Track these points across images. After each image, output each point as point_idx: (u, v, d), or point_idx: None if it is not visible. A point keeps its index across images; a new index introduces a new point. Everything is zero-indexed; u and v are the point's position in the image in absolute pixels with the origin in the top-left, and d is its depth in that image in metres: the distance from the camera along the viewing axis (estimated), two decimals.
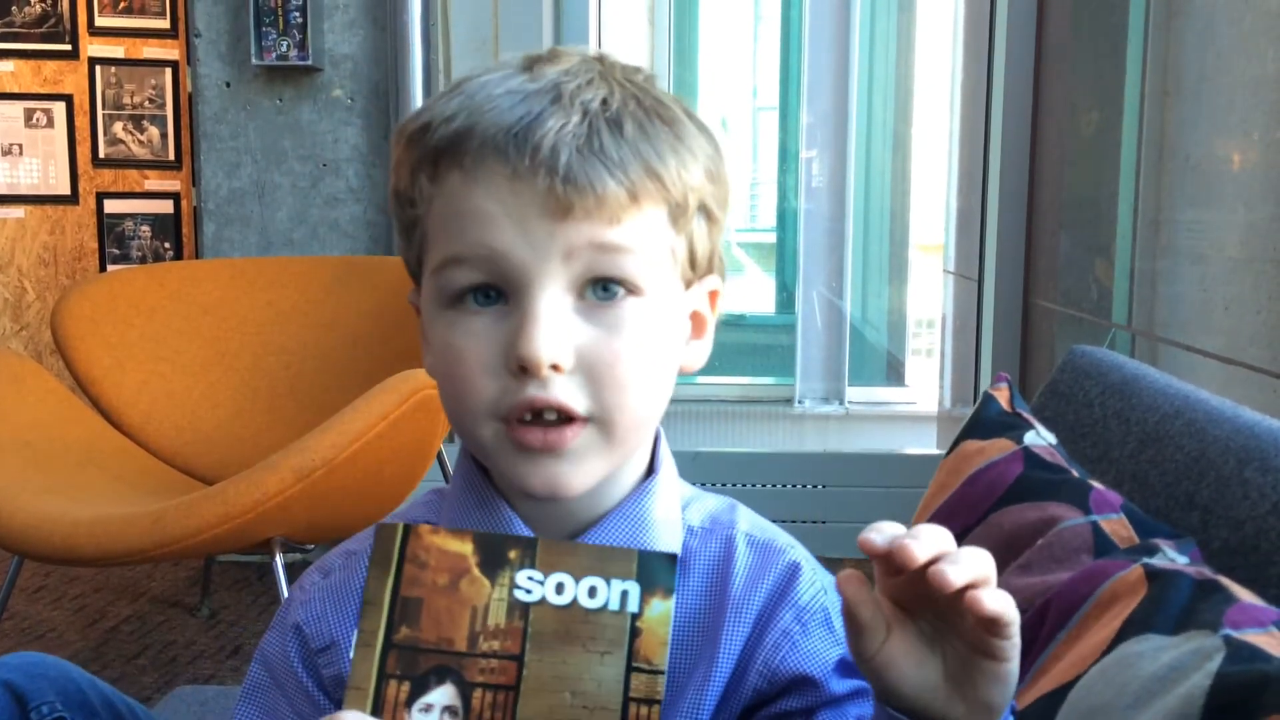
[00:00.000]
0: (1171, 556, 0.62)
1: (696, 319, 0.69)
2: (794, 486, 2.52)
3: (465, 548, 0.57)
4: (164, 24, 3.48)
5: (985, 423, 0.87)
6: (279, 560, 1.67)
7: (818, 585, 0.68)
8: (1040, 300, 2.45)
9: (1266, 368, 1.43)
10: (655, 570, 0.57)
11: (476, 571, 0.57)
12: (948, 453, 0.89)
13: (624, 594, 0.56)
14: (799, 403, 3.95)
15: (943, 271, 3.18)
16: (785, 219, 4.72)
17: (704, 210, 0.65)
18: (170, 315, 2.18)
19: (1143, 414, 0.80)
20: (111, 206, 3.53)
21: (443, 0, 2.47)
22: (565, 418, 0.61)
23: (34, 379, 1.97)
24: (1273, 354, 1.42)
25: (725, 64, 5.06)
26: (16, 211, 3.56)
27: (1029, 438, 0.82)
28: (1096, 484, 0.74)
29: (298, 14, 2.41)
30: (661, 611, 0.56)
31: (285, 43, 2.42)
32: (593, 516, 0.67)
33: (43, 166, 3.54)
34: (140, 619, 2.32)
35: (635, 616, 0.56)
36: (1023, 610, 0.66)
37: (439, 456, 2.11)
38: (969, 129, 2.78)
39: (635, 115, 0.62)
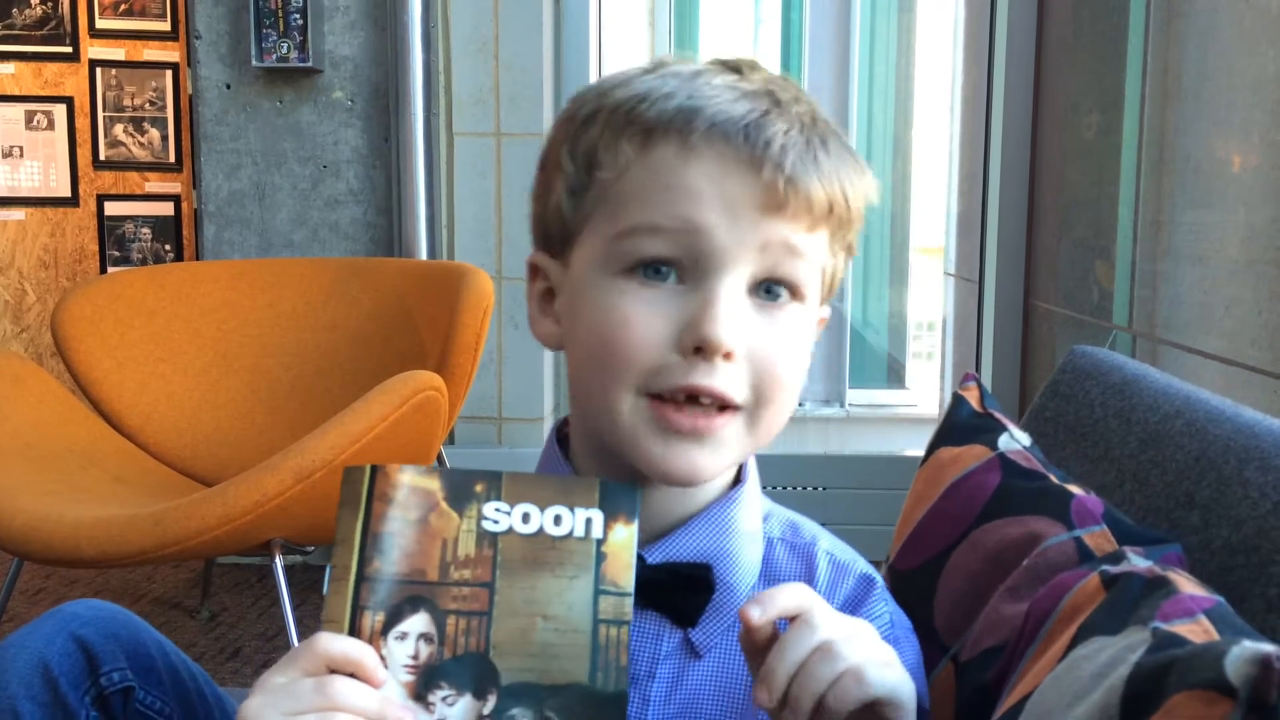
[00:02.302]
0: (1135, 561, 0.62)
1: None
2: (795, 488, 2.52)
3: (432, 484, 0.60)
4: (164, 26, 3.48)
5: (958, 427, 0.87)
6: (279, 562, 1.67)
7: (886, 618, 0.70)
8: (1041, 302, 2.45)
9: (1267, 369, 1.43)
10: (618, 498, 0.59)
11: (444, 505, 0.59)
12: (923, 461, 0.89)
13: (588, 521, 0.59)
14: (800, 405, 3.95)
15: (943, 274, 3.18)
16: None
17: (849, 244, 0.69)
18: (171, 317, 2.18)
19: (1143, 414, 0.80)
20: (112, 209, 3.54)
21: (443, 2, 2.47)
22: (719, 404, 0.63)
23: (34, 381, 1.96)
24: (1274, 355, 1.42)
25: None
26: (17, 214, 3.57)
27: (1003, 442, 0.81)
28: (1076, 490, 0.73)
29: (298, 16, 2.41)
30: (625, 536, 0.58)
31: (285, 44, 2.42)
32: (680, 517, 0.69)
33: (43, 169, 3.55)
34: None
35: (600, 542, 0.58)
36: (1008, 640, 0.66)
37: (439, 459, 2.11)
38: (969, 131, 2.78)
39: (834, 137, 0.65)
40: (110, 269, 3.51)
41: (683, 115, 0.62)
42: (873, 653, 0.58)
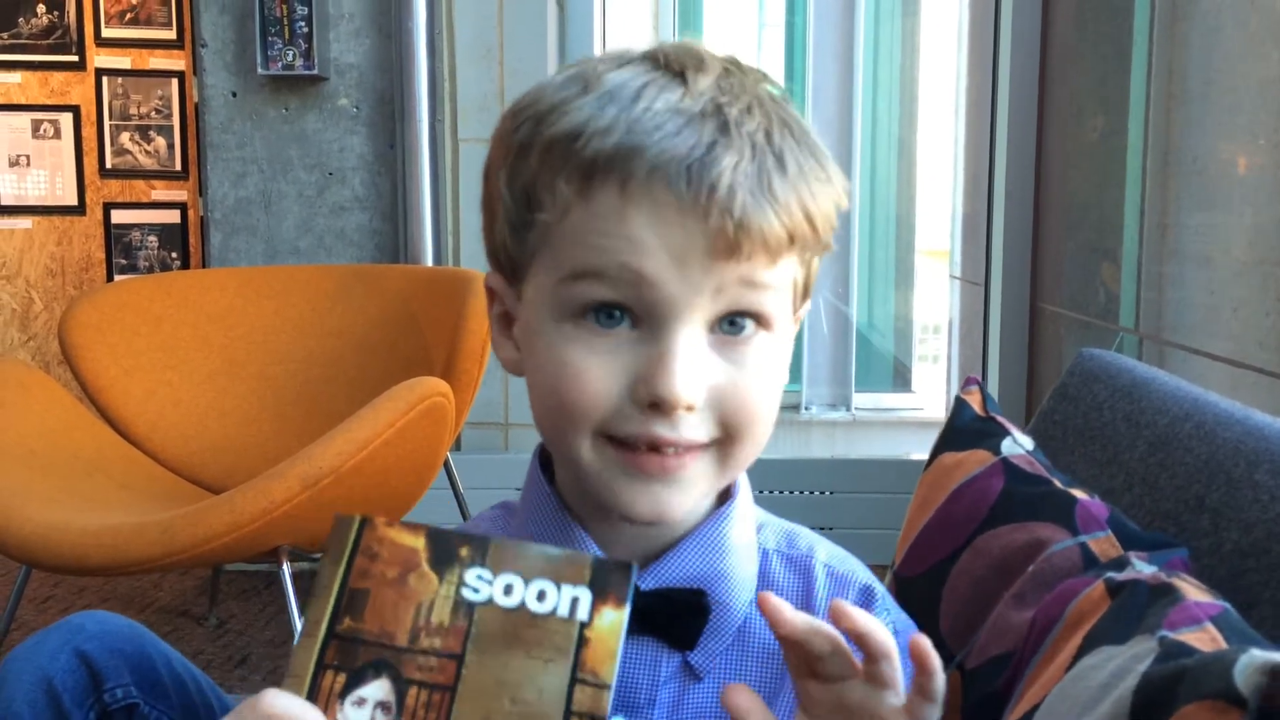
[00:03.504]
0: (1139, 567, 0.61)
1: None
2: (801, 493, 2.52)
3: (418, 542, 0.56)
4: (170, 35, 3.49)
5: (961, 431, 0.87)
6: (286, 569, 1.67)
7: (890, 626, 0.67)
8: (1047, 305, 2.44)
9: (1275, 371, 1.43)
10: (609, 578, 0.54)
11: (426, 567, 0.56)
12: (926, 466, 0.89)
13: (574, 600, 0.54)
14: (805, 409, 3.95)
15: (949, 277, 3.18)
16: None
17: (820, 248, 0.64)
18: (177, 324, 2.19)
19: (1152, 417, 0.80)
20: (118, 217, 3.54)
21: (447, 8, 2.48)
22: (686, 447, 0.60)
23: (41, 388, 1.97)
24: None
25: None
26: (24, 222, 3.58)
27: (1006, 446, 0.81)
28: (1080, 494, 0.73)
29: (303, 23, 2.42)
30: (613, 621, 0.54)
31: (291, 52, 2.43)
32: (669, 540, 0.67)
33: (50, 177, 3.56)
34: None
35: (584, 625, 0.54)
36: (1015, 648, 0.66)
37: (446, 465, 2.11)
38: (974, 134, 2.78)
39: (793, 149, 0.60)
40: (117, 277, 3.52)
41: (621, 155, 0.57)
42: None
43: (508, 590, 0.55)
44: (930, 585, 0.78)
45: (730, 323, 0.60)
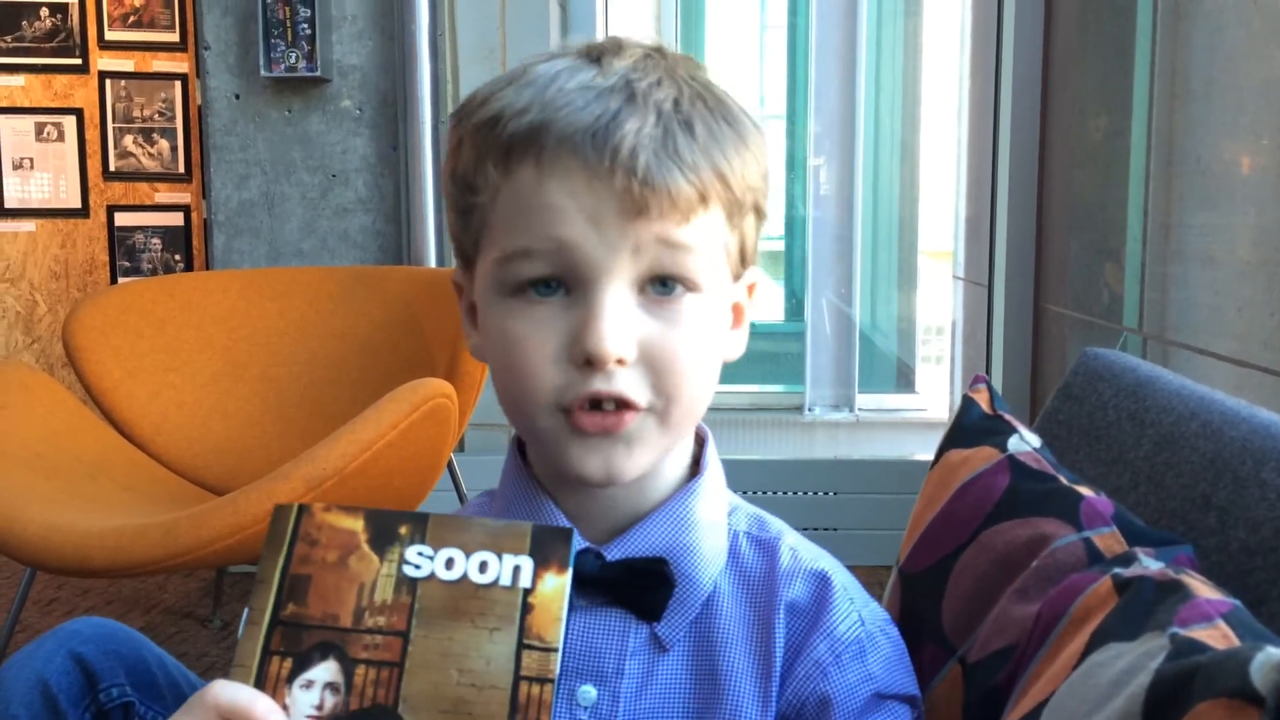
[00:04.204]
0: (1146, 563, 0.61)
1: (737, 310, 0.71)
2: (804, 494, 2.52)
3: (356, 524, 0.57)
4: (173, 37, 3.49)
5: (968, 429, 0.87)
6: None
7: (854, 617, 0.68)
8: (1051, 305, 2.44)
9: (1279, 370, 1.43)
10: (550, 545, 0.56)
11: (366, 548, 0.56)
12: (933, 464, 0.89)
13: (516, 569, 0.55)
14: (809, 410, 3.95)
15: (952, 277, 3.18)
16: (794, 227, 4.72)
17: (756, 208, 0.67)
18: (181, 326, 2.19)
19: (1157, 416, 0.80)
20: (122, 219, 3.55)
21: (449, 10, 2.48)
22: (624, 405, 0.63)
23: (45, 391, 1.97)
24: None
25: (732, 72, 5.07)
26: (28, 225, 3.58)
27: (1013, 444, 0.81)
28: (1086, 491, 0.73)
29: (306, 25, 2.42)
30: (555, 586, 0.55)
31: (294, 54, 2.43)
32: (637, 513, 0.68)
33: (53, 180, 3.56)
34: (152, 631, 2.32)
35: (528, 592, 0.55)
36: (1018, 641, 0.66)
37: (450, 466, 2.11)
38: (977, 135, 2.78)
39: (704, 116, 0.63)
40: (121, 279, 3.52)
41: (534, 132, 0.61)
42: None
43: (449, 564, 0.56)
44: (934, 581, 0.78)
45: (663, 284, 0.63)
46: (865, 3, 4.00)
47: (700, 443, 0.73)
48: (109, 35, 3.50)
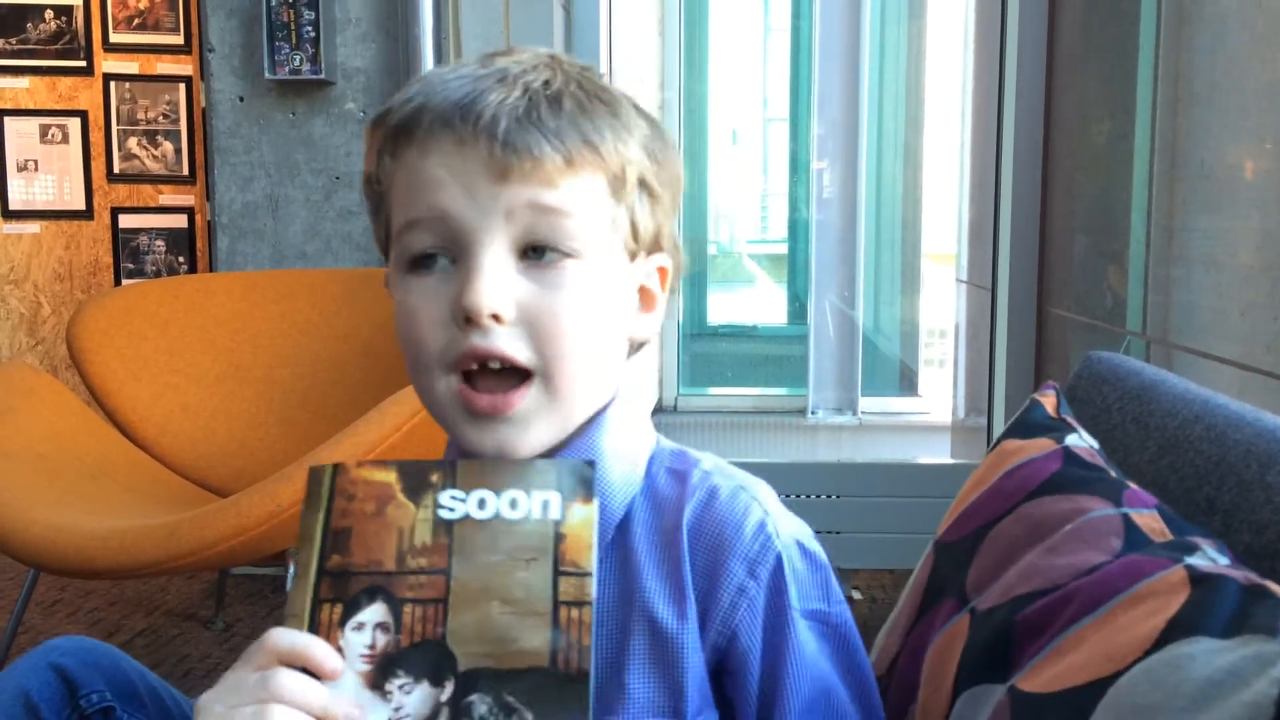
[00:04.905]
0: (1213, 556, 0.61)
1: (645, 293, 0.72)
2: (807, 497, 2.52)
3: (389, 476, 0.60)
4: (178, 40, 3.50)
5: (1028, 425, 0.87)
6: (293, 572, 1.67)
7: (764, 532, 0.68)
8: (1054, 308, 2.44)
9: None
10: (574, 478, 0.59)
11: (401, 497, 0.60)
12: (989, 451, 0.89)
13: (545, 503, 0.59)
14: (812, 413, 3.94)
15: (955, 281, 3.18)
16: (796, 230, 4.72)
17: (644, 186, 0.69)
18: (184, 328, 2.19)
19: (1162, 419, 0.80)
20: (126, 221, 3.55)
21: (454, 13, 2.48)
22: (510, 373, 0.65)
23: (49, 392, 1.97)
24: None
25: (735, 75, 5.07)
26: (32, 227, 3.59)
27: (1071, 439, 0.81)
28: (1134, 485, 0.73)
29: (310, 28, 2.42)
30: (584, 516, 0.58)
31: (298, 57, 2.43)
32: (547, 449, 0.69)
33: (58, 182, 3.57)
34: (155, 632, 2.33)
35: (558, 523, 0.58)
36: (1046, 590, 0.65)
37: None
38: (980, 137, 2.78)
39: (575, 95, 0.67)
40: (125, 281, 3.53)
41: (414, 116, 0.66)
42: None
43: (481, 504, 0.59)
44: (967, 547, 0.78)
45: (536, 251, 0.65)
46: (869, 5, 4.00)
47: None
48: (113, 38, 3.51)
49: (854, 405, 3.98)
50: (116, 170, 3.54)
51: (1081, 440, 0.81)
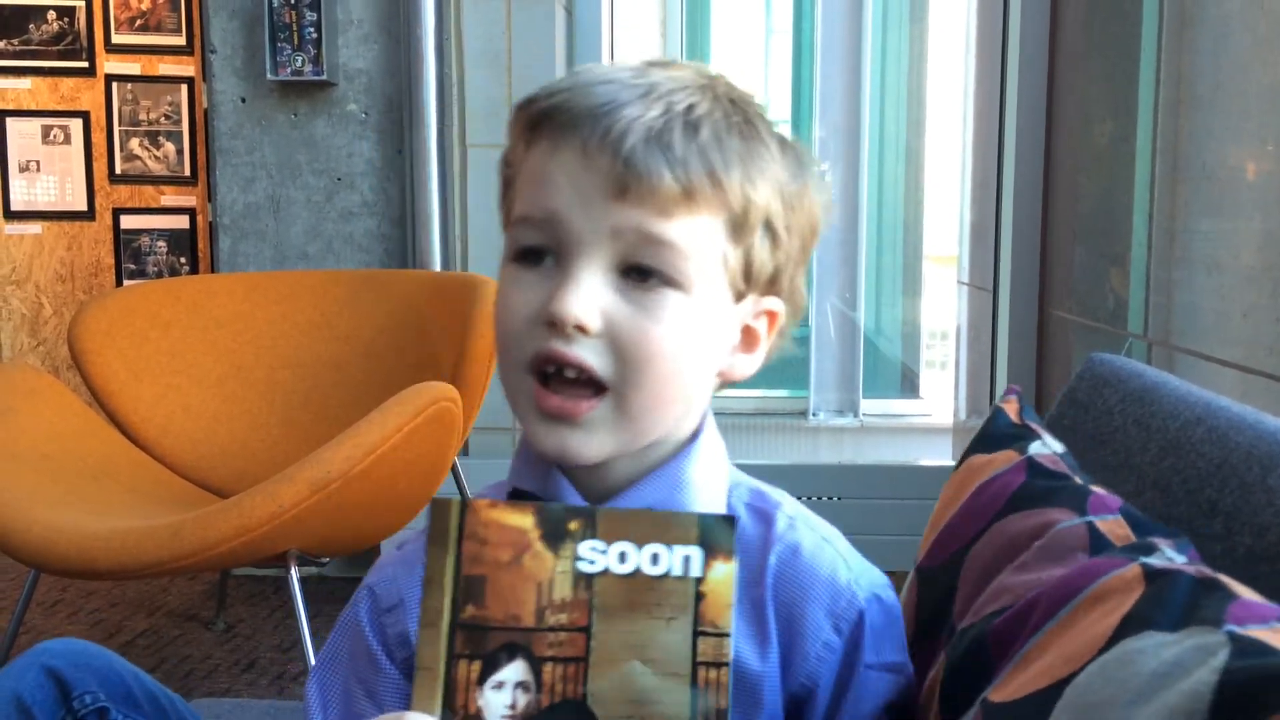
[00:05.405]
0: (1170, 555, 0.61)
1: (749, 333, 0.70)
2: (809, 499, 2.52)
3: (525, 521, 0.57)
4: (180, 41, 3.50)
5: (993, 436, 0.87)
6: (294, 574, 1.67)
7: (850, 586, 0.69)
8: (1056, 310, 2.44)
9: None
10: (716, 534, 0.57)
11: (539, 545, 0.57)
12: (956, 467, 0.89)
13: (686, 559, 0.56)
14: (813, 415, 3.94)
15: (957, 283, 3.18)
16: None
17: (769, 228, 0.67)
18: (186, 329, 2.19)
19: (1163, 421, 0.80)
20: (128, 222, 3.56)
21: (456, 14, 2.49)
22: (585, 383, 0.64)
23: (51, 393, 1.97)
24: None
25: (737, 77, 5.06)
26: (34, 228, 3.59)
27: (1034, 447, 0.81)
28: (1098, 489, 0.73)
29: (312, 29, 2.43)
30: (724, 574, 0.56)
31: (300, 58, 2.44)
32: (633, 476, 0.69)
33: (60, 183, 3.57)
34: (156, 633, 2.33)
35: (699, 581, 0.56)
36: (1013, 604, 0.66)
37: (454, 469, 2.11)
38: (982, 139, 2.78)
39: (715, 124, 0.64)
40: (126, 282, 3.53)
41: (553, 111, 0.65)
42: None
43: (622, 558, 0.57)
44: (948, 575, 0.78)
45: (639, 272, 0.64)
46: (870, 8, 4.00)
47: (701, 420, 0.73)
48: (115, 39, 3.51)
49: (855, 407, 3.97)
50: (118, 171, 3.55)
51: (1045, 447, 0.81)
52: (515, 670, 0.56)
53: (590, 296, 0.63)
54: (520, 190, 0.67)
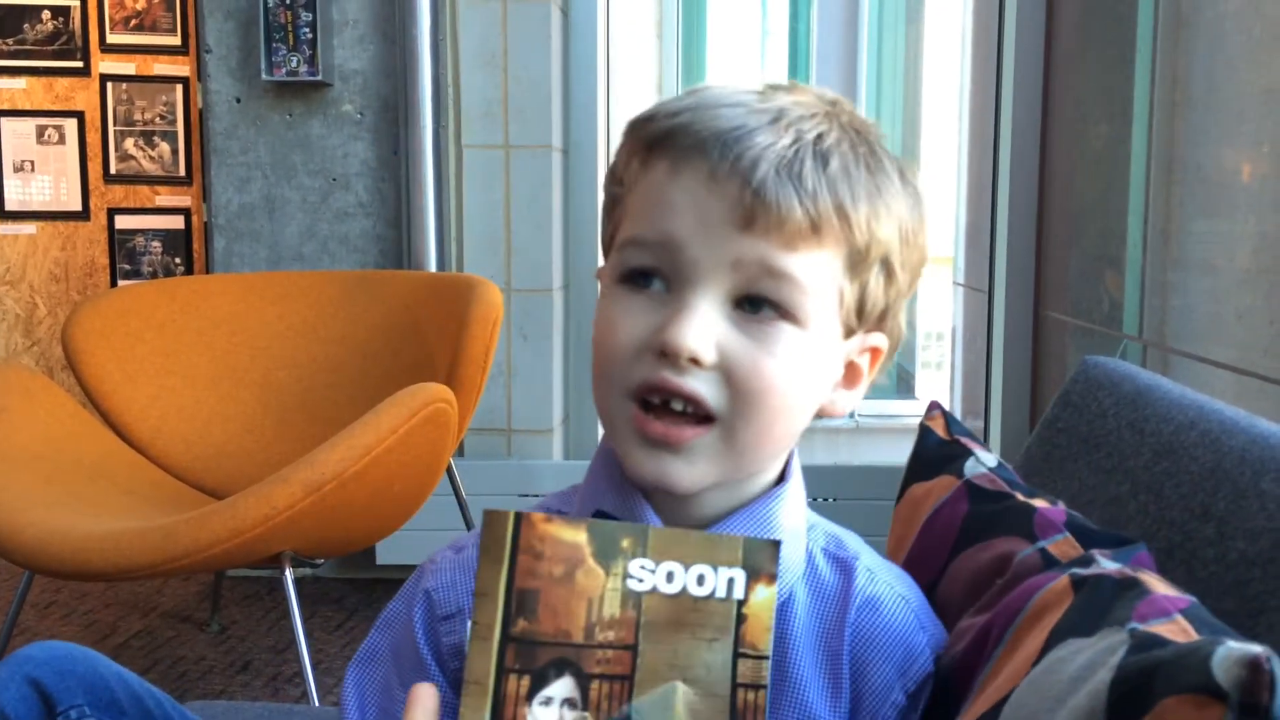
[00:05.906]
0: (1103, 564, 0.61)
1: (852, 369, 0.70)
2: (806, 500, 2.51)
3: (580, 537, 0.57)
4: (175, 41, 3.50)
5: (926, 459, 0.86)
6: (289, 575, 1.67)
7: (927, 652, 0.69)
8: (1051, 312, 2.44)
9: (1279, 379, 1.43)
10: (759, 557, 0.57)
11: (592, 562, 0.57)
12: (897, 499, 0.89)
13: (730, 581, 0.56)
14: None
15: (952, 284, 3.18)
16: None
17: (885, 265, 0.66)
18: (180, 330, 2.19)
19: (1157, 425, 0.80)
20: (122, 222, 3.55)
21: (451, 15, 2.48)
22: (693, 413, 0.63)
23: (45, 393, 1.97)
24: None
25: (733, 78, 5.07)
26: (28, 228, 3.58)
27: (969, 467, 0.81)
28: (1039, 503, 0.73)
29: (307, 30, 2.42)
30: (765, 597, 0.56)
31: (295, 58, 2.43)
32: (722, 512, 0.68)
33: (54, 183, 3.56)
34: (150, 634, 2.32)
35: (741, 603, 0.56)
36: (976, 642, 0.66)
37: (449, 471, 2.11)
38: (978, 141, 2.78)
39: (844, 155, 0.63)
40: (121, 282, 3.52)
41: (675, 133, 0.63)
42: None
43: (669, 577, 0.57)
44: None
45: (753, 303, 0.62)
46: (866, 9, 4.01)
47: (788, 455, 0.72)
48: (110, 38, 3.51)
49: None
50: (113, 171, 3.54)
51: (979, 465, 0.81)
52: (563, 687, 0.56)
53: (706, 327, 0.61)
54: (632, 210, 0.65)
